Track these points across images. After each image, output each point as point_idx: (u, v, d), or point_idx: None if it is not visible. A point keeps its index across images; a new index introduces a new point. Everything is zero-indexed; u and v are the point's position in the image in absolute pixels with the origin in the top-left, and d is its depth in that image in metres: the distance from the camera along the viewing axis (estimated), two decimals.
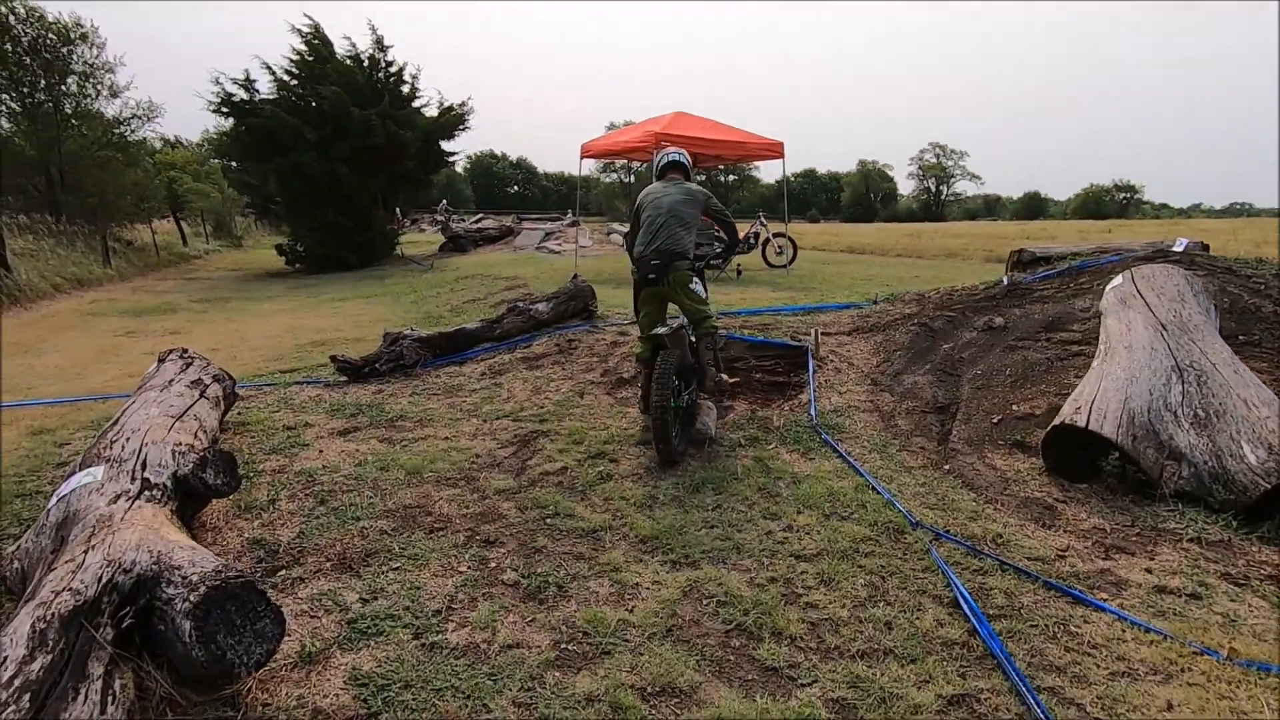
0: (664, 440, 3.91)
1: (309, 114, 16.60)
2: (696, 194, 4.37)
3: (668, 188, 4.37)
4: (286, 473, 3.91)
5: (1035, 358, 4.95)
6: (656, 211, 4.25)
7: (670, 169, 4.58)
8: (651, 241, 4.18)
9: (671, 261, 4.13)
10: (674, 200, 4.26)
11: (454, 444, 4.40)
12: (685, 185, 4.39)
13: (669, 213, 4.21)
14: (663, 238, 4.16)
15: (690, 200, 4.32)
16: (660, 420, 3.86)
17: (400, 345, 5.97)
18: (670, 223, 4.18)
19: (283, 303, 11.62)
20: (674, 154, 4.64)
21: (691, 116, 10.90)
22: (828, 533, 3.24)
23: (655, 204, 4.29)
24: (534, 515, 3.44)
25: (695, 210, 4.33)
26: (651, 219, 4.25)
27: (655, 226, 4.20)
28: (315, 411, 5.06)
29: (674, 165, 4.58)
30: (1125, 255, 5.91)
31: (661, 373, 3.91)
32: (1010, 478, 3.82)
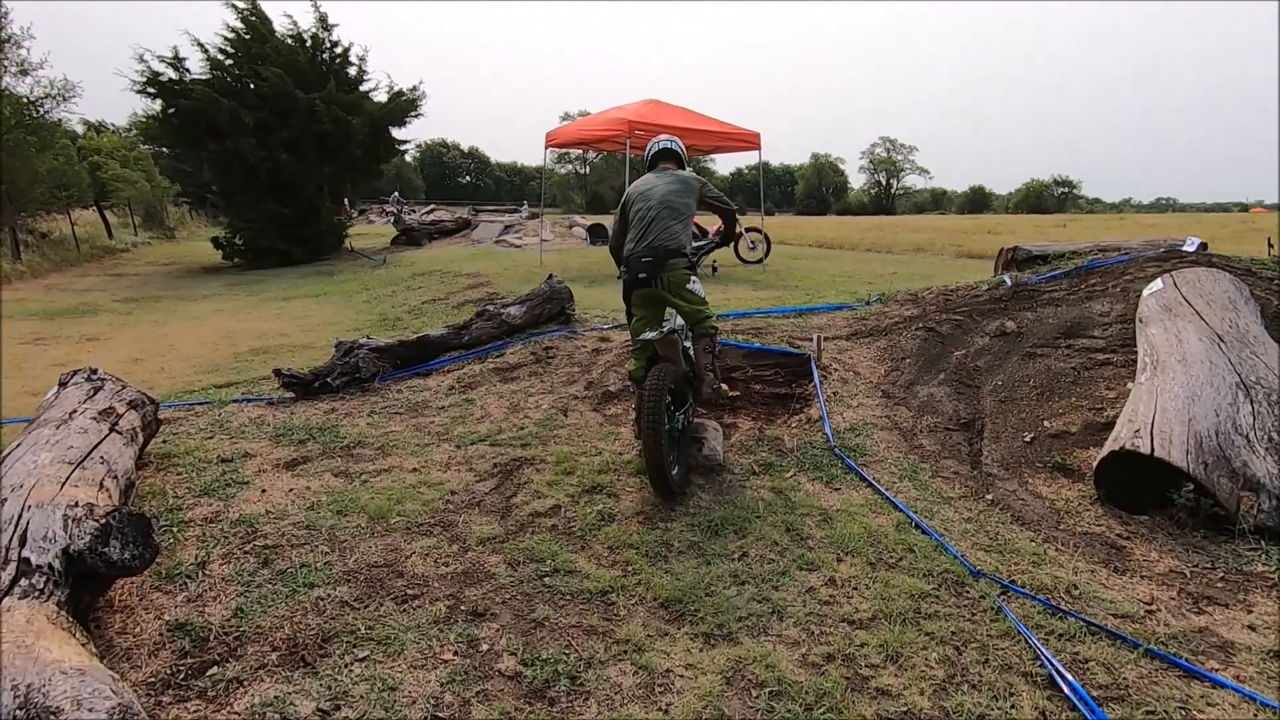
0: (659, 472, 3.38)
1: (246, 96, 15.39)
2: (690, 182, 3.87)
3: (658, 178, 3.85)
4: (221, 522, 3.23)
5: (1059, 367, 4.59)
6: (647, 204, 3.74)
7: (662, 158, 4.10)
8: (643, 238, 3.68)
9: (665, 259, 3.63)
10: (666, 191, 3.76)
11: (424, 477, 3.78)
12: (677, 174, 3.90)
13: (661, 205, 3.71)
14: (655, 233, 3.66)
15: (684, 189, 3.80)
16: (653, 448, 3.32)
17: (355, 356, 5.27)
18: (663, 216, 3.68)
19: (220, 302, 10.63)
20: (665, 141, 4.15)
21: (665, 104, 10.34)
22: (878, 587, 2.76)
23: (645, 196, 3.77)
24: (528, 573, 2.87)
25: (690, 200, 3.81)
26: (642, 213, 3.74)
27: (646, 221, 3.70)
28: (257, 437, 4.35)
29: (666, 154, 4.09)
30: (1136, 255, 5.64)
31: (651, 392, 3.36)
32: (1061, 508, 3.43)
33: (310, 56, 16.52)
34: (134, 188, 25.30)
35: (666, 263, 3.62)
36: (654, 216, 3.68)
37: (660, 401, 3.30)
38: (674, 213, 3.70)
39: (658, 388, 3.33)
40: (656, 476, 3.38)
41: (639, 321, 3.83)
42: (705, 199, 3.92)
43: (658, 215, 3.68)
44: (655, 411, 3.27)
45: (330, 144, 16.12)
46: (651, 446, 3.29)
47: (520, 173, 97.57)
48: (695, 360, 3.82)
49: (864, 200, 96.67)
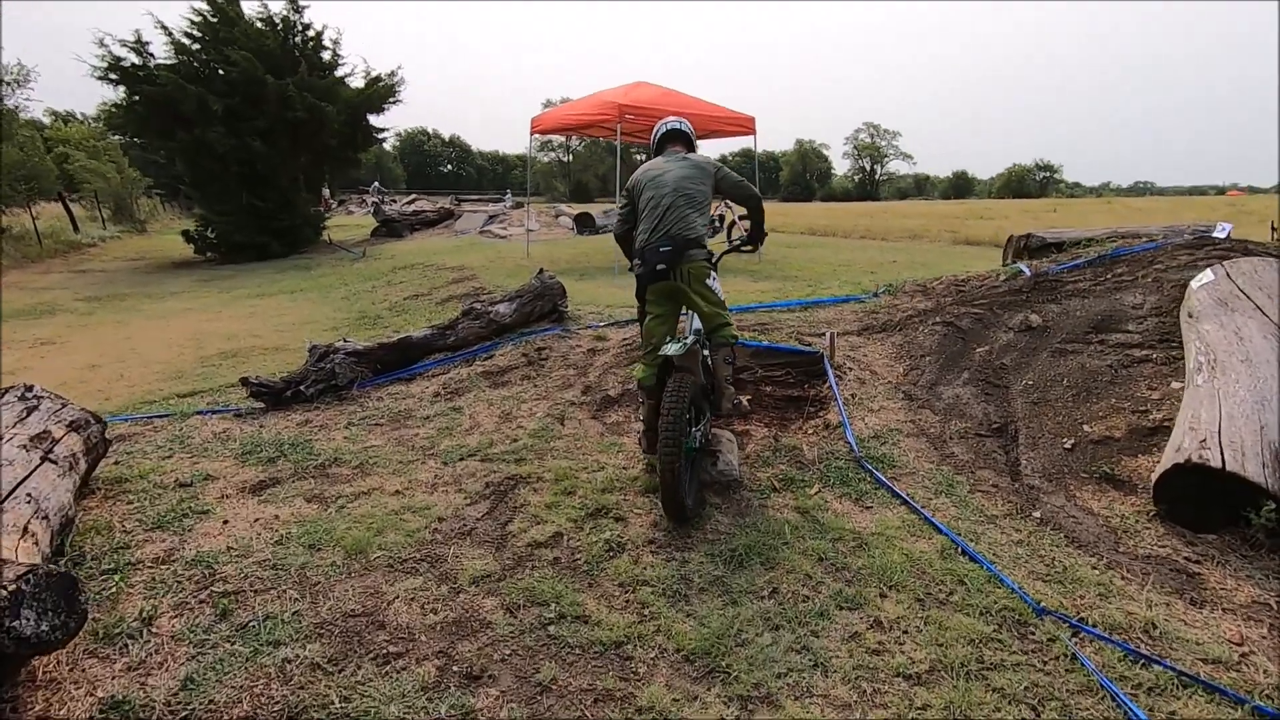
0: (674, 498, 3.01)
1: (215, 83, 14.67)
2: (705, 166, 3.49)
3: (669, 162, 3.49)
4: (174, 562, 2.82)
5: (1093, 365, 4.27)
6: (659, 191, 3.37)
7: (670, 140, 3.72)
8: (657, 227, 3.31)
9: (684, 249, 3.26)
10: (679, 176, 3.39)
11: (408, 501, 3.38)
12: (690, 158, 3.52)
13: (675, 191, 3.34)
14: (671, 222, 3.30)
15: (699, 174, 3.43)
16: (670, 472, 2.95)
17: (331, 361, 4.84)
18: (678, 203, 3.32)
19: (189, 300, 10.08)
20: (674, 122, 3.79)
21: (654, 87, 9.88)
22: (932, 630, 2.42)
23: (656, 182, 3.40)
24: (530, 620, 2.49)
25: (705, 187, 3.43)
26: (654, 201, 3.36)
27: (661, 209, 3.32)
28: (221, 455, 3.93)
29: (674, 135, 3.73)
30: (1164, 243, 5.34)
31: (672, 407, 2.99)
32: (1117, 526, 3.10)
33: (281, 40, 15.81)
34: (103, 179, 24.39)
35: (685, 253, 3.25)
36: (668, 205, 3.31)
37: (682, 419, 2.93)
38: (690, 200, 3.33)
39: (678, 404, 2.95)
40: (671, 503, 3.01)
41: (654, 321, 3.43)
42: (722, 186, 3.52)
43: (672, 203, 3.31)
44: (676, 430, 2.90)
45: (305, 132, 15.46)
46: (670, 471, 2.91)
47: (503, 161, 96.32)
48: (714, 372, 3.43)
49: (848, 186, 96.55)
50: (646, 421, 3.51)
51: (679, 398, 3.00)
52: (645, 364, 3.46)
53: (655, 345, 3.39)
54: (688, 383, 3.09)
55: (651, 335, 3.43)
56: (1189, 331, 3.77)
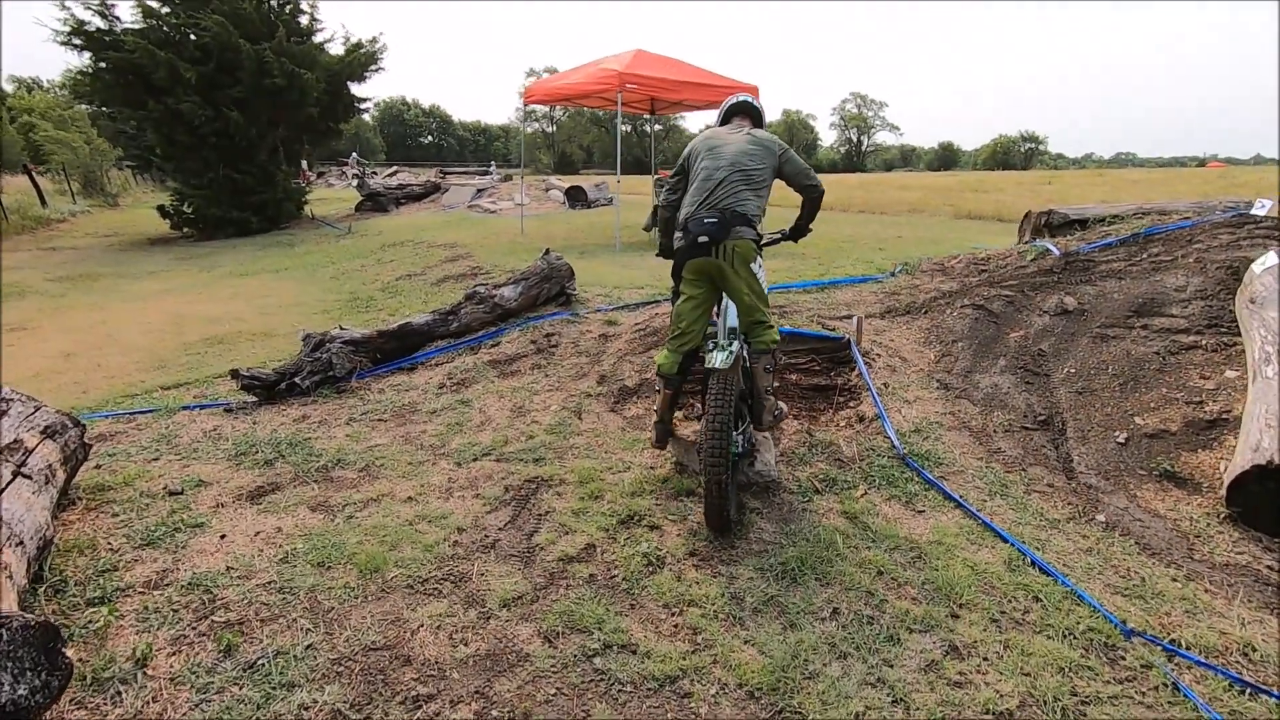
0: (719, 513, 2.78)
1: (186, 48, 13.94)
2: (770, 145, 3.17)
3: (732, 134, 3.21)
4: (169, 586, 2.54)
5: (1139, 352, 4.06)
6: (716, 163, 3.09)
7: (737, 113, 3.49)
8: (706, 200, 3.02)
9: (732, 224, 2.94)
10: (740, 151, 3.10)
11: (422, 509, 3.11)
12: (756, 133, 3.22)
13: (732, 165, 3.06)
14: (722, 195, 3.01)
15: (762, 152, 3.12)
16: (716, 484, 2.71)
17: (327, 351, 4.52)
18: (734, 178, 3.03)
19: (168, 280, 9.60)
20: (745, 96, 3.53)
21: (655, 55, 9.43)
22: (1015, 657, 2.21)
23: (715, 153, 3.12)
24: (572, 651, 2.25)
25: (767, 167, 3.11)
26: (709, 172, 3.08)
27: (714, 181, 3.04)
28: (213, 456, 3.63)
29: (742, 108, 3.49)
30: (1201, 220, 5.11)
31: (717, 412, 2.74)
32: (1187, 530, 2.91)
33: (256, 4, 15.03)
34: (70, 151, 23.40)
35: (733, 228, 2.93)
36: (723, 178, 3.03)
37: (727, 427, 2.67)
38: (746, 178, 3.03)
39: (723, 410, 2.69)
40: (717, 516, 2.77)
41: (687, 303, 3.10)
42: (785, 171, 3.19)
43: (727, 177, 3.02)
44: (721, 438, 2.64)
45: (284, 101, 14.77)
46: (717, 483, 2.66)
47: (485, 132, 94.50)
48: (755, 380, 3.11)
49: (835, 158, 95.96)
50: (660, 414, 3.24)
51: (723, 403, 2.74)
52: (670, 349, 3.17)
53: (684, 330, 3.11)
54: (732, 384, 2.82)
55: (681, 319, 3.13)
56: (1250, 319, 3.56)
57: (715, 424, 2.70)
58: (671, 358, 3.14)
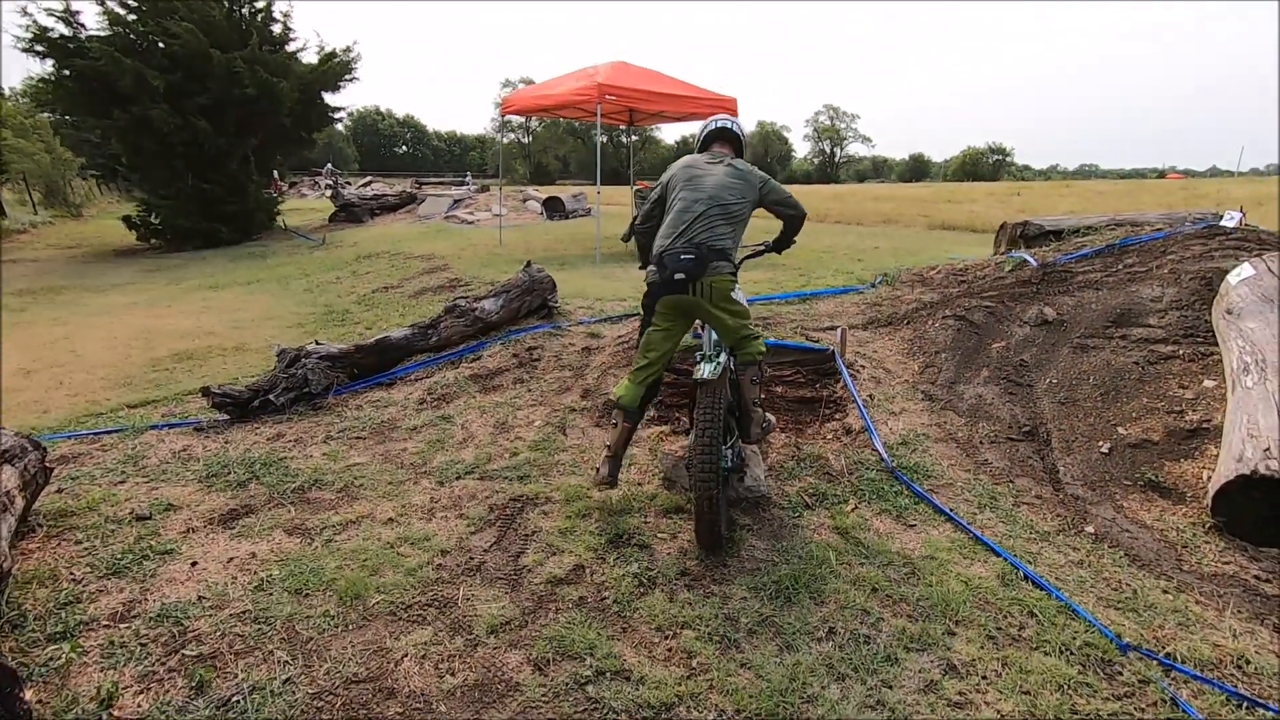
0: (711, 530, 2.73)
1: (154, 57, 13.64)
2: (751, 178, 3.10)
3: (713, 164, 3.11)
4: (136, 618, 2.41)
5: (1119, 362, 4.11)
6: (695, 194, 2.99)
7: (717, 139, 3.33)
8: (682, 233, 2.91)
9: (709, 260, 2.85)
10: (721, 183, 3.01)
11: (404, 530, 3.02)
12: (738, 165, 3.14)
13: (711, 199, 2.96)
14: (699, 229, 2.90)
15: (743, 185, 3.05)
16: (707, 500, 2.66)
17: (302, 366, 4.40)
18: (712, 212, 2.94)
19: (134, 293, 9.33)
20: (724, 120, 3.39)
21: (635, 67, 9.44)
22: (1013, 675, 2.18)
23: (694, 184, 3.02)
24: (564, 678, 2.17)
25: (748, 200, 3.05)
26: (685, 203, 2.98)
27: (691, 214, 2.94)
28: (182, 478, 3.49)
29: (722, 134, 3.34)
30: (1174, 231, 5.22)
31: (707, 427, 2.68)
32: (1174, 541, 2.93)
33: (227, 12, 14.78)
34: (31, 160, 22.73)
35: (710, 264, 2.84)
36: (701, 211, 2.93)
37: (718, 439, 2.63)
38: (725, 212, 2.95)
39: (713, 425, 2.64)
40: (709, 534, 2.73)
41: (658, 334, 3.01)
42: (767, 201, 3.16)
43: (706, 210, 2.93)
44: (712, 454, 2.60)
45: (256, 111, 14.51)
46: (708, 500, 2.62)
47: (460, 142, 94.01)
48: (741, 393, 3.05)
49: (809, 169, 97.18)
50: (615, 449, 3.03)
51: (714, 416, 2.69)
52: (633, 380, 3.03)
53: (651, 361, 3.01)
54: (721, 397, 2.78)
55: (651, 348, 3.01)
56: (1228, 329, 3.61)
57: (705, 438, 2.65)
58: (634, 390, 3.02)
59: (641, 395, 3.03)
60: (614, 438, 3.04)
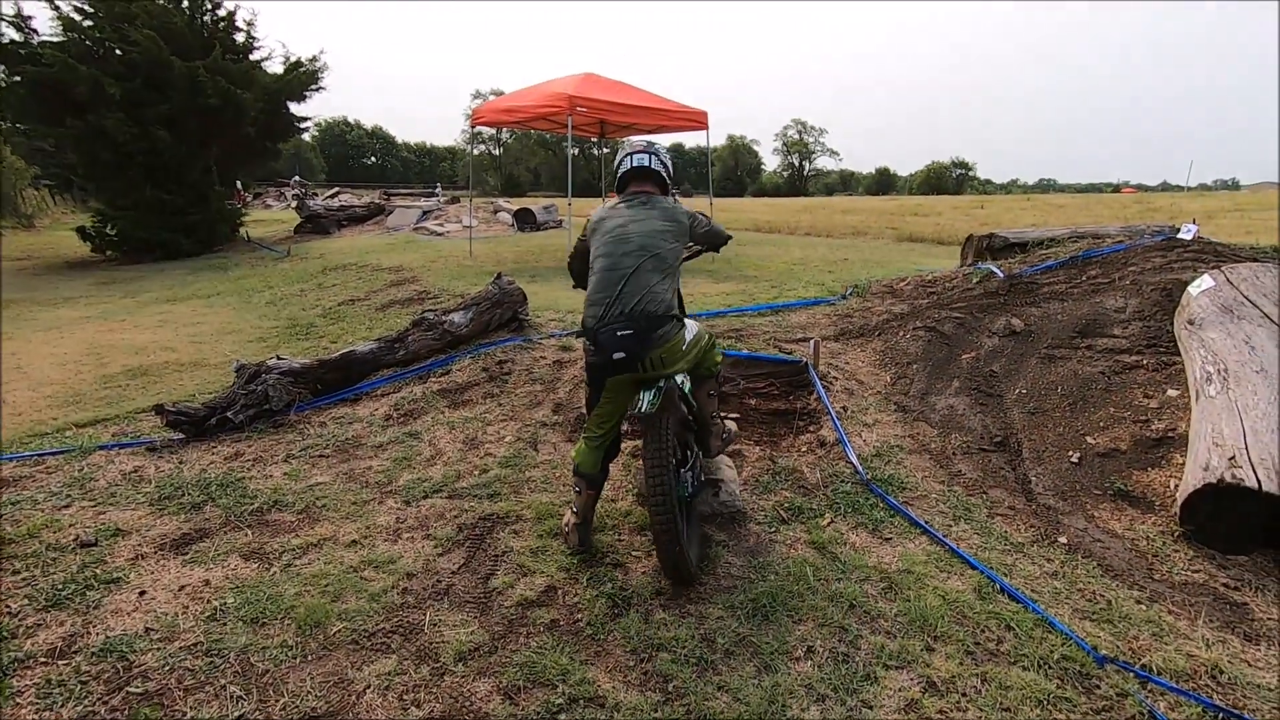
0: (676, 564, 2.55)
1: (111, 64, 13.27)
2: (679, 217, 2.83)
3: (634, 211, 2.79)
4: (78, 653, 2.26)
5: (1086, 372, 4.17)
6: (621, 248, 2.68)
7: (636, 177, 2.93)
8: (614, 301, 2.60)
9: (651, 331, 2.56)
10: (648, 231, 2.71)
11: (367, 554, 2.90)
12: (663, 205, 2.83)
13: (641, 251, 2.66)
14: (632, 295, 2.58)
15: (674, 229, 2.77)
16: (667, 534, 2.47)
17: (263, 382, 4.24)
18: (644, 267, 2.63)
19: (86, 306, 8.99)
20: (642, 157, 2.91)
21: (604, 79, 9.43)
22: (993, 691, 2.16)
23: (619, 238, 2.71)
24: (535, 708, 2.08)
25: (680, 245, 2.80)
26: (611, 262, 2.67)
27: (619, 275, 2.63)
28: (132, 501, 3.32)
29: (643, 173, 2.92)
30: (1134, 244, 5.34)
31: (656, 453, 2.51)
32: (1145, 550, 2.95)
33: (188, 19, 14.47)
34: None
35: (653, 335, 2.55)
36: (630, 269, 2.62)
37: (668, 467, 2.51)
38: (659, 263, 2.66)
39: (662, 450, 2.51)
40: (675, 569, 2.59)
41: (608, 405, 2.75)
42: (694, 236, 2.94)
43: (637, 267, 2.62)
44: (665, 480, 2.47)
45: (219, 121, 14.18)
46: (667, 533, 2.47)
47: (430, 153, 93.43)
48: (700, 408, 2.95)
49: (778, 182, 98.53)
50: (582, 515, 2.83)
51: (660, 451, 2.52)
52: (589, 446, 2.78)
53: (608, 430, 2.78)
54: (667, 429, 2.59)
55: (604, 419, 2.77)
56: (1190, 339, 3.68)
57: (655, 476, 2.48)
58: (594, 455, 2.78)
59: (602, 458, 2.81)
60: (580, 504, 2.82)
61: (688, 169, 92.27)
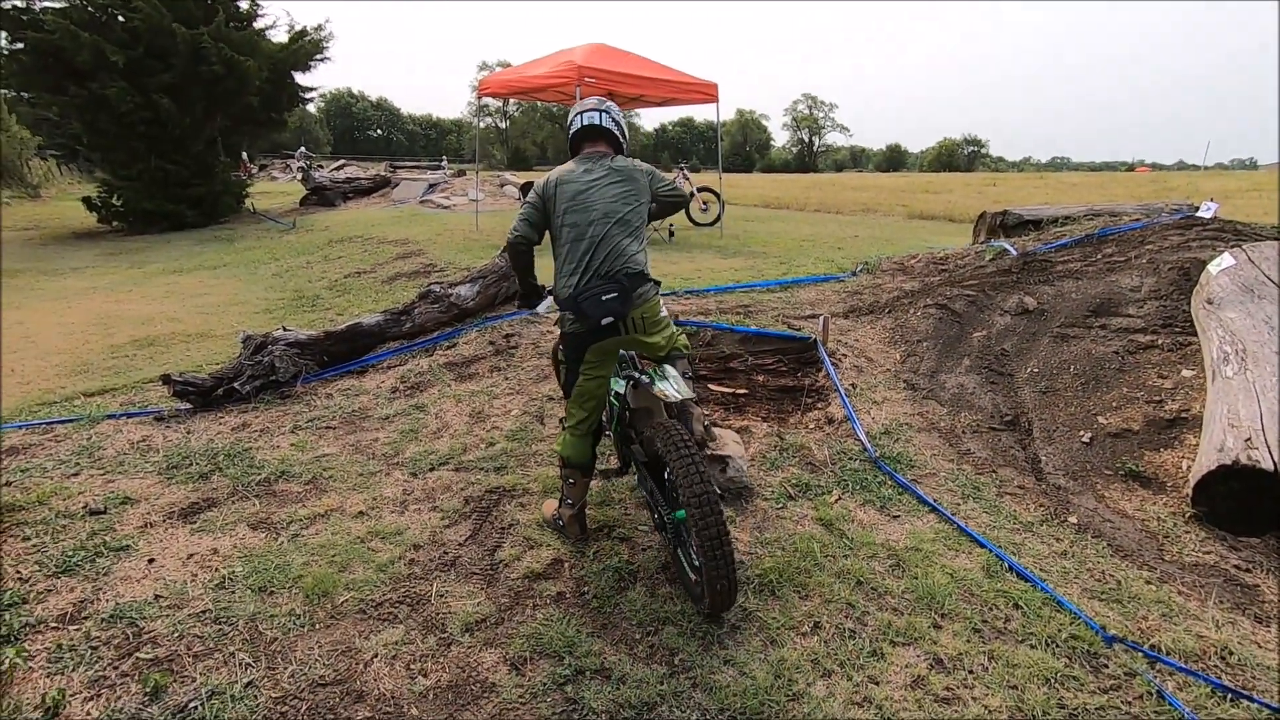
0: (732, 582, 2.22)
1: (114, 31, 13.11)
2: (638, 176, 2.66)
3: (592, 174, 2.60)
4: (88, 619, 2.28)
5: (1099, 351, 4.11)
6: (585, 217, 2.53)
7: (589, 137, 2.70)
8: (589, 266, 2.49)
9: (633, 290, 2.48)
10: (611, 195, 2.57)
11: (375, 524, 2.90)
12: (620, 166, 2.65)
13: (606, 218, 2.53)
14: (609, 258, 2.49)
15: (634, 190, 2.62)
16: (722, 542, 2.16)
17: (269, 354, 4.23)
18: (613, 232, 2.52)
19: (94, 277, 8.99)
20: (592, 114, 2.68)
21: (614, 50, 9.25)
22: (1000, 669, 2.15)
23: (580, 205, 2.55)
24: (542, 679, 2.09)
25: (643, 204, 2.65)
26: (578, 230, 2.53)
27: (590, 242, 2.51)
28: (141, 470, 3.33)
29: (595, 132, 2.68)
30: (1151, 222, 5.24)
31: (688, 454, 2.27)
32: (1156, 531, 2.92)
33: None
34: None
35: (634, 294, 2.48)
36: (600, 235, 2.51)
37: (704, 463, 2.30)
38: (625, 227, 2.55)
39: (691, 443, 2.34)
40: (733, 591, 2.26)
41: (593, 382, 2.62)
42: (657, 194, 2.73)
43: (606, 234, 2.51)
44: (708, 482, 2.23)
45: (223, 90, 14.03)
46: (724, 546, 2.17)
47: (436, 126, 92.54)
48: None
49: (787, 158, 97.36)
50: (577, 503, 2.76)
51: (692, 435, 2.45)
52: (575, 435, 2.68)
53: (591, 412, 2.67)
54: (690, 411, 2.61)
55: (588, 398, 2.64)
56: (1208, 319, 3.62)
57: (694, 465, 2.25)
58: (581, 444, 2.69)
59: (591, 446, 2.74)
60: (574, 494, 2.75)
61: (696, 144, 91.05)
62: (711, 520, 2.15)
